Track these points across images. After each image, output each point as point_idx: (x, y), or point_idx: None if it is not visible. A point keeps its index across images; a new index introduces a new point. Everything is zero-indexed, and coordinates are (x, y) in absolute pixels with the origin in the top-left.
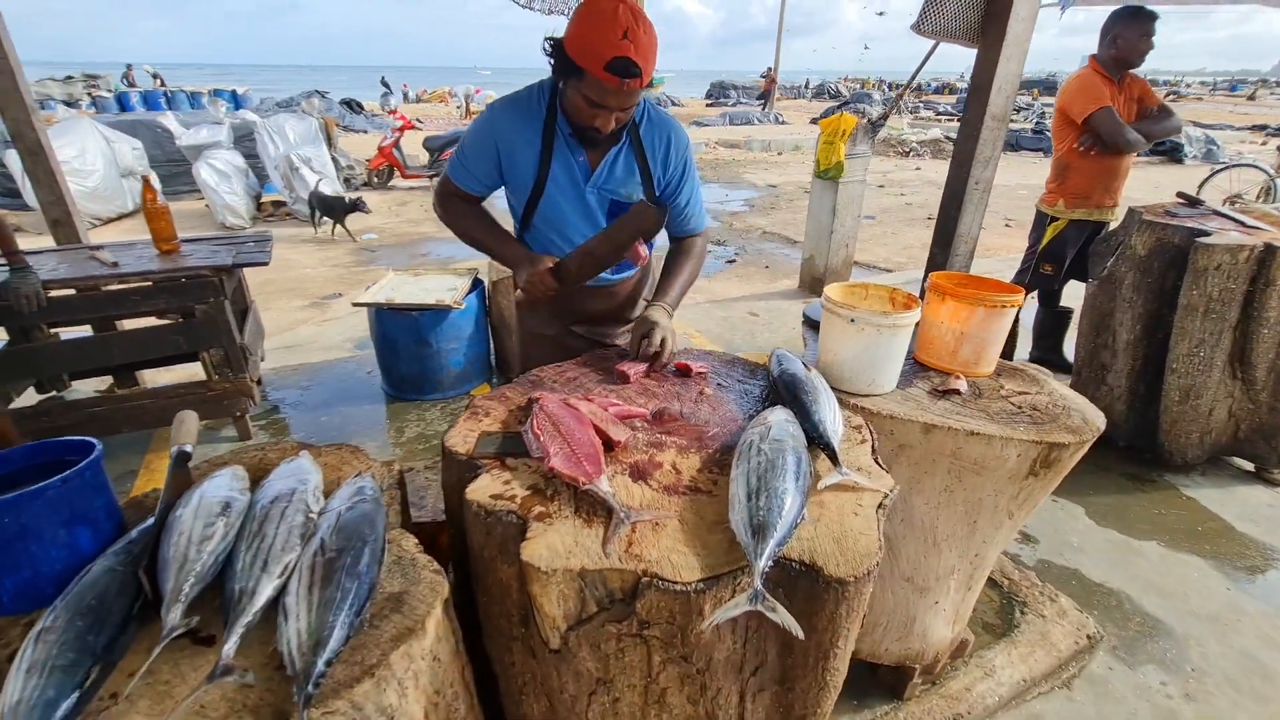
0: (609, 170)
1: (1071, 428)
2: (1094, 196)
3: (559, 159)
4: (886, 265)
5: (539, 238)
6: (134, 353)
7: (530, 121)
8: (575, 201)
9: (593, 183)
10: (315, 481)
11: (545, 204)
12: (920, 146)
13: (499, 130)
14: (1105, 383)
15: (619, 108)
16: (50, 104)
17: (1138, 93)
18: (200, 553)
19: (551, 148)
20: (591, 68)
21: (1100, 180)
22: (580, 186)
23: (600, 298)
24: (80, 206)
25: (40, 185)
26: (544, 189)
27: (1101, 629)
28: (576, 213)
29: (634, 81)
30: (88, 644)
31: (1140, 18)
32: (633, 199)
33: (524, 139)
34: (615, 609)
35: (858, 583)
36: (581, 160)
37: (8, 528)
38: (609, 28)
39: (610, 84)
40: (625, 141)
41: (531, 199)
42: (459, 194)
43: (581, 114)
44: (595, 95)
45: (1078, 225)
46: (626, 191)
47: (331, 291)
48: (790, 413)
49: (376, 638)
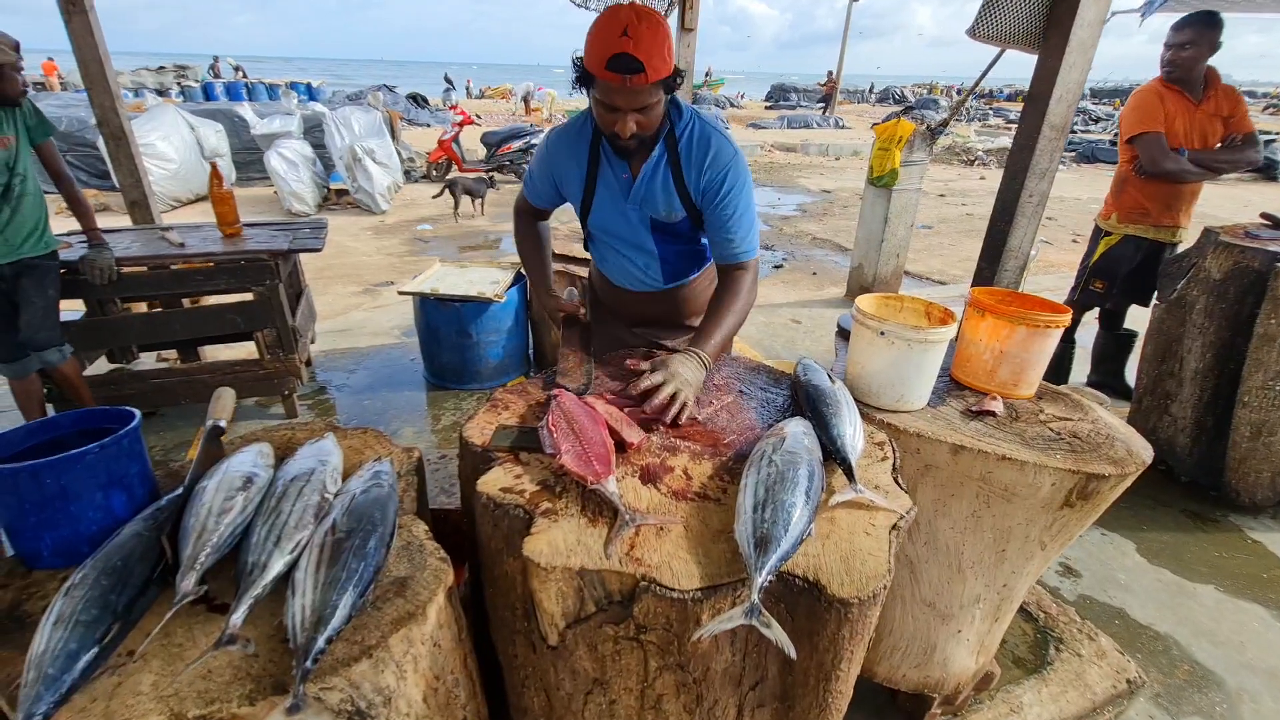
0: (646, 185)
1: (1114, 459)
2: (1152, 214)
3: (604, 176)
4: (940, 277)
5: (599, 246)
6: (195, 329)
7: (578, 144)
8: (619, 216)
9: (632, 199)
10: (335, 463)
11: (594, 218)
12: (986, 155)
13: (551, 157)
14: (1169, 413)
15: (628, 107)
16: (143, 92)
17: (1227, 111)
18: (218, 524)
19: (598, 165)
20: (595, 69)
21: (1159, 198)
22: (621, 202)
23: (656, 302)
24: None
25: (121, 169)
26: (591, 205)
27: (1144, 674)
28: (622, 227)
29: (637, 78)
30: (110, 602)
31: (1183, 24)
32: (671, 218)
33: (573, 161)
34: (613, 610)
35: (862, 605)
36: (624, 177)
37: (50, 487)
38: (609, 28)
39: (613, 82)
40: (661, 156)
41: (583, 214)
42: (528, 208)
43: (603, 122)
44: (604, 97)
45: (1133, 242)
46: (665, 210)
47: (384, 279)
48: (808, 424)
49: (378, 619)
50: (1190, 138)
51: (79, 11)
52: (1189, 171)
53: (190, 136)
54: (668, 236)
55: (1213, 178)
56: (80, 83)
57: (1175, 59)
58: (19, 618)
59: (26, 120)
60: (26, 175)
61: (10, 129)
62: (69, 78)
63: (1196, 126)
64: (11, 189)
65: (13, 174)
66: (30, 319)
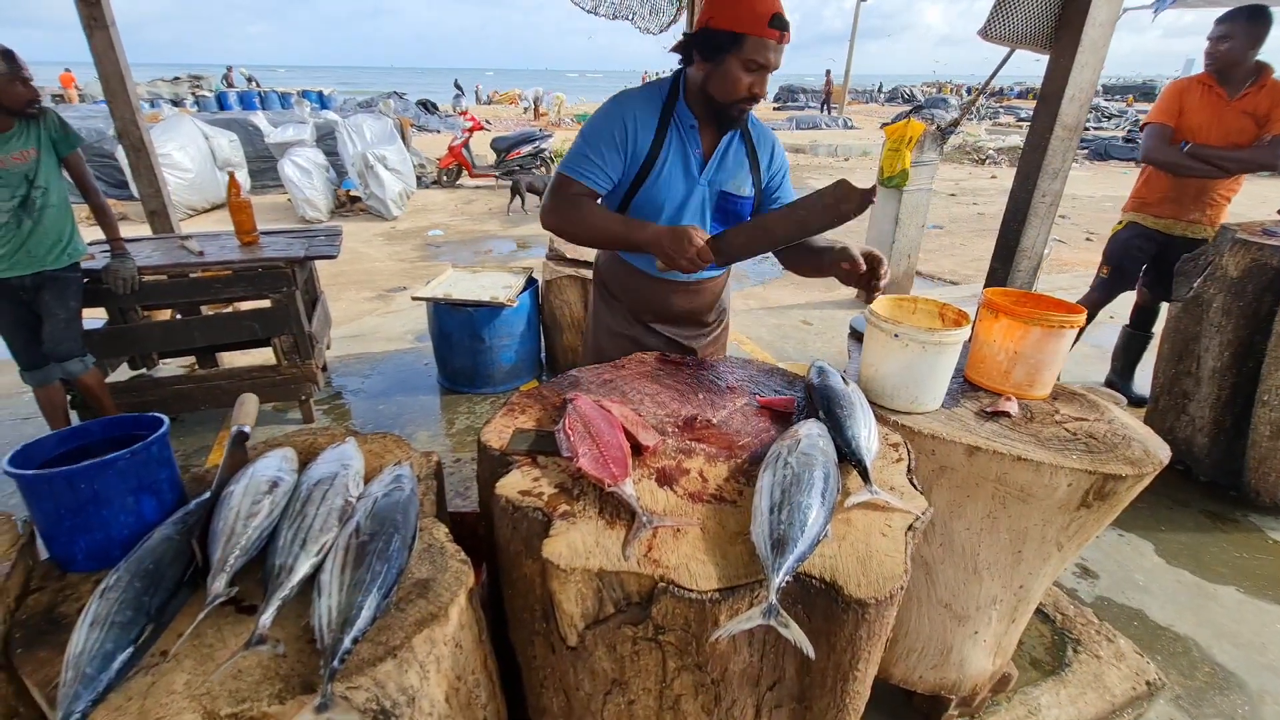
0: (720, 160)
1: (1130, 459)
2: (1152, 204)
3: (674, 147)
4: (952, 278)
5: None
6: (214, 336)
7: (651, 107)
8: (684, 192)
9: (705, 174)
10: (357, 467)
11: (650, 188)
12: (998, 154)
13: (626, 112)
14: (1186, 412)
15: (776, 65)
16: (159, 103)
17: (1265, 108)
18: (246, 527)
19: (666, 133)
20: (755, 29)
21: (1159, 188)
22: (695, 178)
23: (686, 295)
24: (179, 198)
25: (141, 179)
26: (649, 175)
27: (1164, 676)
28: (682, 203)
29: (787, 35)
30: (143, 604)
31: (1225, 17)
32: (742, 192)
33: (645, 120)
34: (631, 612)
35: (879, 605)
36: (697, 153)
37: (83, 492)
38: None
39: (773, 38)
40: (736, 136)
41: (634, 185)
42: (578, 190)
43: (739, 85)
44: (759, 56)
45: (1136, 229)
46: (736, 184)
47: (397, 284)
48: (823, 426)
49: (401, 620)
50: (1210, 133)
51: (100, 27)
52: (1183, 165)
53: (205, 146)
54: (725, 217)
55: (1218, 175)
56: (97, 94)
57: (1213, 51)
58: (55, 619)
59: (51, 133)
60: (49, 188)
61: (31, 142)
62: (87, 89)
63: (1221, 123)
64: (32, 201)
65: (33, 186)
66: (52, 330)
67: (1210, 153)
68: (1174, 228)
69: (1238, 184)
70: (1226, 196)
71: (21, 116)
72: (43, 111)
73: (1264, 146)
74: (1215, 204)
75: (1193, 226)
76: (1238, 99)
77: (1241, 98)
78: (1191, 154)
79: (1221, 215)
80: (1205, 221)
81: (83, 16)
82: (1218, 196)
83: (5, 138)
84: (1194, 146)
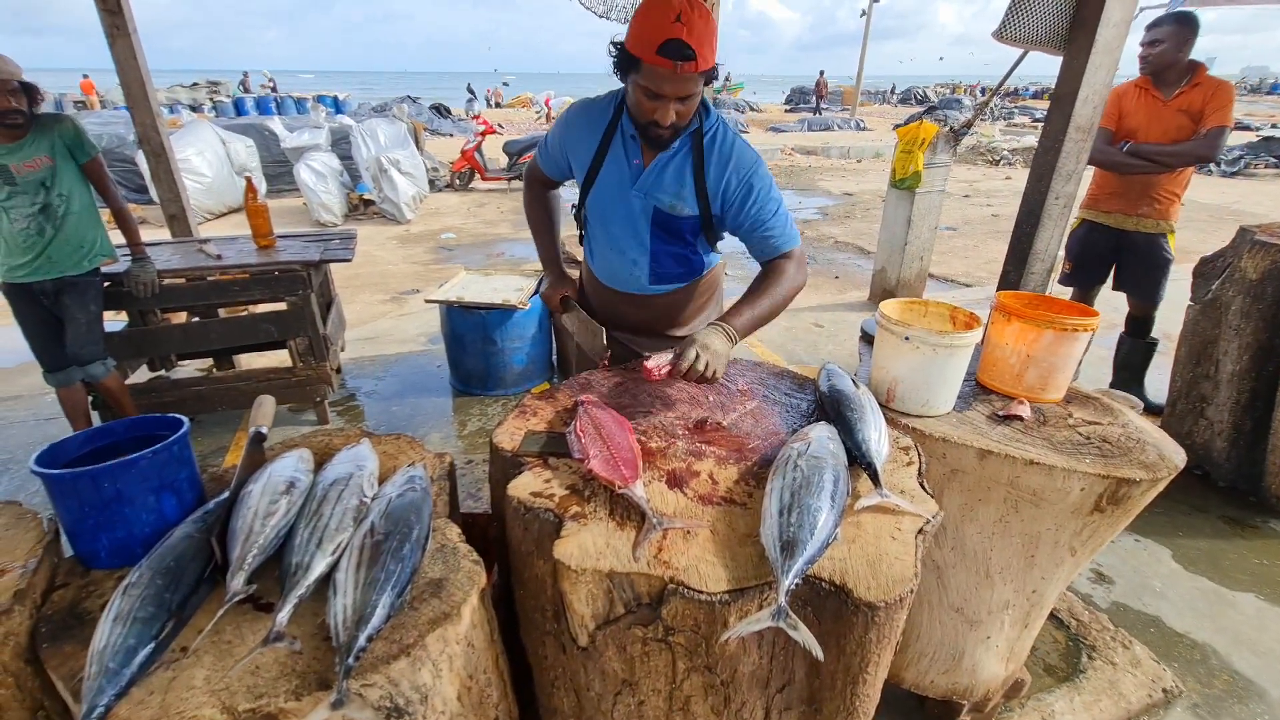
0: (658, 174)
1: (1145, 464)
2: (1101, 200)
3: (613, 157)
4: (965, 280)
5: (590, 235)
6: (231, 338)
7: (597, 119)
8: (619, 201)
9: (639, 186)
10: (371, 468)
11: (593, 198)
12: (1012, 155)
13: (569, 125)
14: (1205, 416)
15: (674, 95)
16: (177, 108)
17: (1199, 104)
18: (264, 526)
19: (608, 145)
20: (644, 54)
21: (1104, 186)
22: (626, 187)
23: (636, 305)
24: (197, 202)
25: (161, 184)
26: (594, 183)
27: (1181, 684)
28: (620, 212)
29: (688, 65)
30: (165, 600)
31: (1157, 22)
32: (678, 211)
33: (588, 134)
34: (641, 613)
35: (889, 608)
36: (635, 163)
37: (107, 491)
38: (661, 12)
39: (663, 68)
40: (683, 149)
41: (583, 191)
42: (540, 176)
43: (641, 108)
44: (651, 83)
45: (1088, 226)
46: (671, 201)
47: (410, 287)
48: (833, 429)
49: (415, 619)
50: (1149, 133)
51: (123, 34)
52: (1124, 164)
53: (223, 151)
54: (665, 233)
55: (1158, 170)
56: (118, 100)
57: (1146, 55)
58: (79, 615)
59: (66, 141)
60: (71, 195)
61: (43, 150)
62: (107, 95)
63: (1160, 122)
64: (52, 208)
65: (50, 193)
66: (74, 335)
67: (1149, 149)
68: (1125, 222)
69: (1183, 178)
70: (1174, 192)
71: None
72: (58, 120)
73: (1200, 139)
74: (1164, 199)
75: (1143, 221)
76: (1173, 99)
77: (1177, 97)
78: (1131, 153)
79: (1173, 209)
80: (1155, 215)
81: (105, 24)
82: (1165, 192)
83: (17, 146)
84: (1133, 145)
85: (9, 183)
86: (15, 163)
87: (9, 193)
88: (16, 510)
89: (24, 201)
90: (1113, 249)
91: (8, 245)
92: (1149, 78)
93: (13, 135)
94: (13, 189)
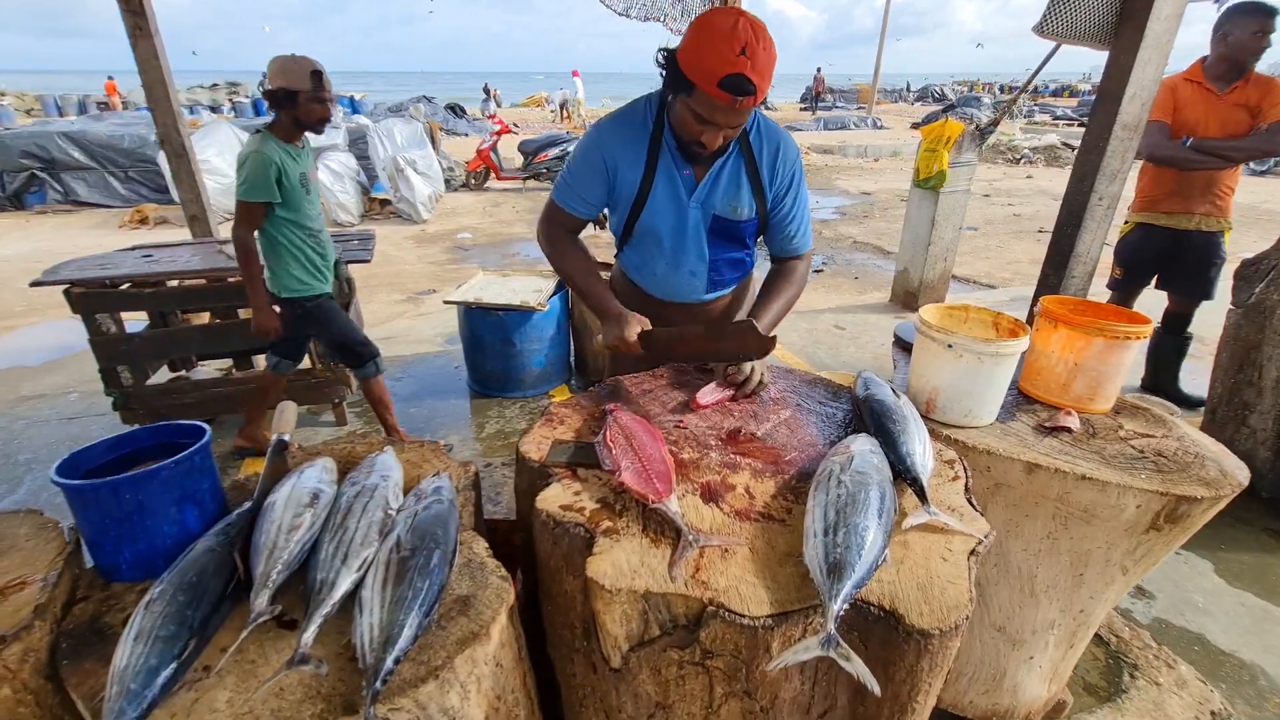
0: (712, 185)
1: (1206, 480)
2: (1161, 202)
3: (663, 172)
4: (989, 281)
5: (639, 250)
6: (252, 339)
7: (637, 136)
8: (676, 217)
9: (695, 198)
10: (396, 478)
11: (646, 217)
12: (1033, 153)
13: (607, 147)
14: (1247, 424)
15: (728, 125)
16: (197, 109)
17: (1255, 100)
18: (288, 541)
19: (656, 161)
20: (704, 83)
21: (1165, 184)
22: (683, 201)
23: (689, 315)
24: (217, 202)
25: (182, 185)
26: (645, 202)
27: (1229, 706)
28: (678, 227)
29: (747, 100)
30: (187, 618)
31: (1256, 11)
32: (738, 215)
33: (631, 153)
34: (678, 635)
35: (943, 636)
36: (687, 174)
37: (128, 502)
38: (726, 43)
39: (722, 101)
40: (734, 153)
41: (633, 212)
42: (563, 220)
43: (688, 129)
44: (705, 111)
45: (1145, 230)
46: (732, 205)
47: (426, 287)
48: (875, 442)
49: (443, 639)
50: (1206, 127)
51: (145, 36)
52: (1187, 159)
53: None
54: (725, 239)
55: (1223, 165)
56: (139, 101)
57: (1253, 47)
58: (100, 629)
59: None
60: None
61: (311, 162)
62: (129, 96)
63: (1216, 116)
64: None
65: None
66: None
67: (1214, 144)
68: (1185, 222)
69: (1238, 175)
70: (1231, 187)
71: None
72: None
73: (1265, 134)
74: (1223, 195)
75: (1205, 220)
76: (1229, 93)
77: (1232, 91)
78: (1196, 147)
79: (1229, 206)
80: (1215, 214)
81: (128, 25)
82: (1224, 188)
83: (304, 152)
84: (1197, 140)
85: (309, 191)
86: (308, 169)
87: (310, 200)
88: (37, 520)
89: (318, 205)
90: (1167, 251)
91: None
92: (1202, 72)
93: (297, 139)
94: (310, 198)
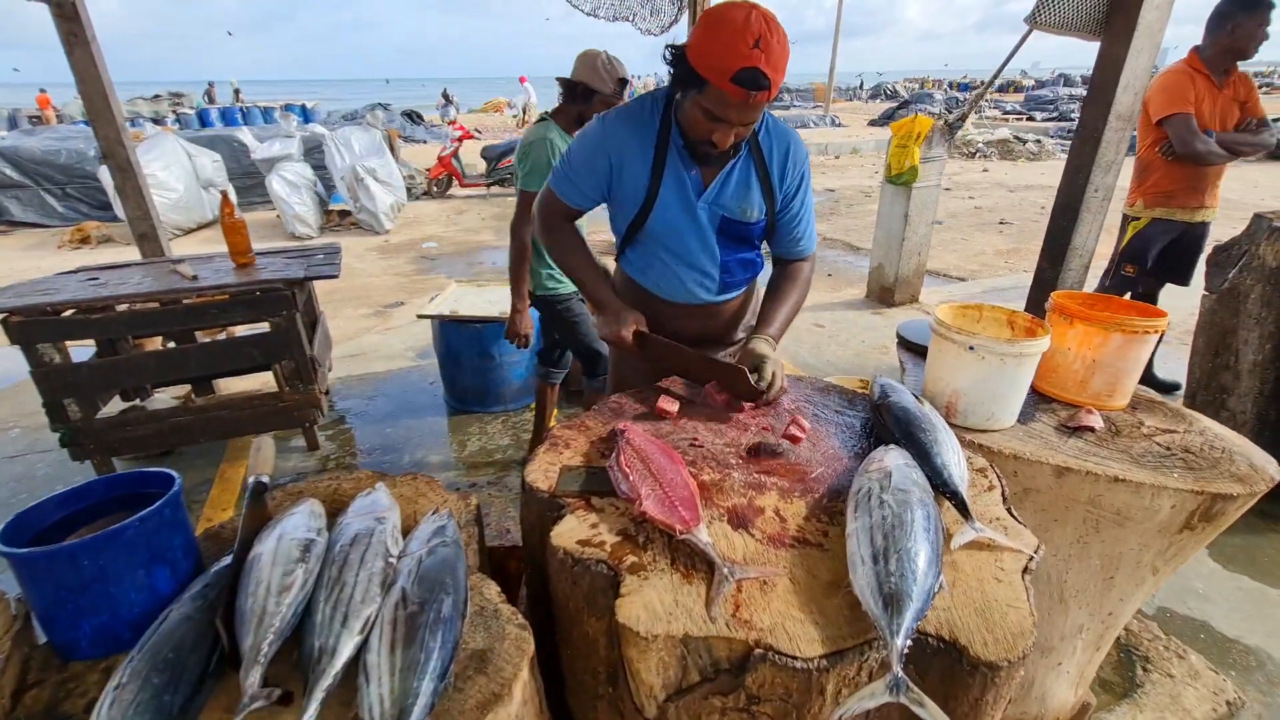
0: (722, 186)
1: (1238, 476)
2: (1177, 196)
3: (671, 173)
4: (958, 273)
5: (645, 252)
6: (212, 364)
7: (643, 133)
8: (686, 218)
9: (705, 199)
10: (394, 520)
11: (655, 219)
12: (986, 147)
13: (611, 142)
14: (1226, 408)
15: (741, 122)
16: (139, 121)
17: (1243, 95)
18: (279, 605)
19: (664, 161)
20: (716, 79)
21: (1185, 179)
22: (691, 203)
23: (702, 318)
24: (164, 217)
25: (128, 201)
26: (654, 204)
27: (1242, 694)
28: (686, 229)
29: (761, 95)
30: (164, 705)
31: (1261, 5)
32: (748, 217)
33: (637, 151)
34: (721, 680)
35: (1011, 667)
36: (694, 175)
37: (86, 570)
38: (740, 36)
39: (735, 97)
40: (744, 154)
41: (640, 214)
42: (561, 209)
43: (698, 128)
44: (717, 108)
45: (1162, 224)
46: (742, 207)
47: (394, 300)
48: (908, 455)
49: (461, 704)
50: (1215, 121)
51: (80, 44)
52: (1216, 154)
53: (189, 164)
54: (734, 241)
55: (1233, 160)
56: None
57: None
58: (59, 719)
59: None
60: None
61: None
62: (64, 110)
63: (1219, 110)
64: None
65: None
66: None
67: (1231, 139)
68: (1196, 215)
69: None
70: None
71: None
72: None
73: (1256, 128)
74: (1218, 187)
75: (1210, 212)
76: (1225, 87)
77: (1228, 85)
78: (1220, 143)
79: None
80: (1215, 205)
81: (61, 33)
82: (1221, 181)
83: None
84: (1219, 135)
85: None
86: None
87: None
88: None
89: None
90: (1177, 244)
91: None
92: (1202, 63)
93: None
94: None
